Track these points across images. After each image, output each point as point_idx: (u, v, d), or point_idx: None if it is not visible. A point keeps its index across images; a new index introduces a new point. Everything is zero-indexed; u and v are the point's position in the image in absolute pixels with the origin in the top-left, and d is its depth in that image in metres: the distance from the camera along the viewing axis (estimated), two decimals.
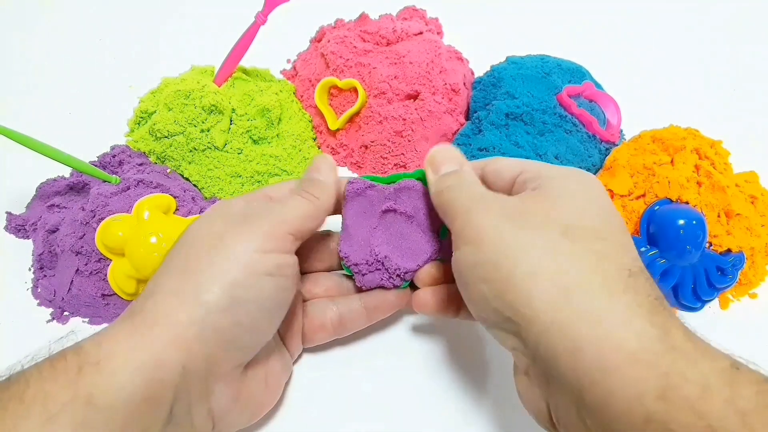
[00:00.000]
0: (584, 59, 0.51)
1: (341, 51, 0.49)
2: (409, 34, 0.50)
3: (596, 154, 0.46)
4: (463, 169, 0.32)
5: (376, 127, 0.47)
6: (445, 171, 0.32)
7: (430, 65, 0.48)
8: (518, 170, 0.31)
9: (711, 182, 0.40)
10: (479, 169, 0.33)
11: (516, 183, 0.31)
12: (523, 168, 0.31)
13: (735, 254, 0.40)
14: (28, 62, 0.57)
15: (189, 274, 0.28)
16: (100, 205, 0.38)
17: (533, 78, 0.47)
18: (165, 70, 0.50)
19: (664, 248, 0.39)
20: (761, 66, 0.59)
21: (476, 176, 0.32)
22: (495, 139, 0.45)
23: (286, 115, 0.49)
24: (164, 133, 0.44)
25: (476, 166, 0.33)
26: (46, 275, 0.40)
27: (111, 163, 0.44)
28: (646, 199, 0.41)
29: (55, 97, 0.54)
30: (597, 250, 0.25)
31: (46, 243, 0.40)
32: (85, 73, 0.56)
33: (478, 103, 0.49)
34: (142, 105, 0.47)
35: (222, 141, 0.45)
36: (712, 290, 0.40)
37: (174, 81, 0.48)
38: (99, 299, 0.39)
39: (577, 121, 0.46)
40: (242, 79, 0.49)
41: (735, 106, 0.55)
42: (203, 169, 0.45)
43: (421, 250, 0.35)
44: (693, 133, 0.44)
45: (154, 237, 0.37)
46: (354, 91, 0.48)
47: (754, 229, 0.40)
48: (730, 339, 0.39)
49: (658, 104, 0.54)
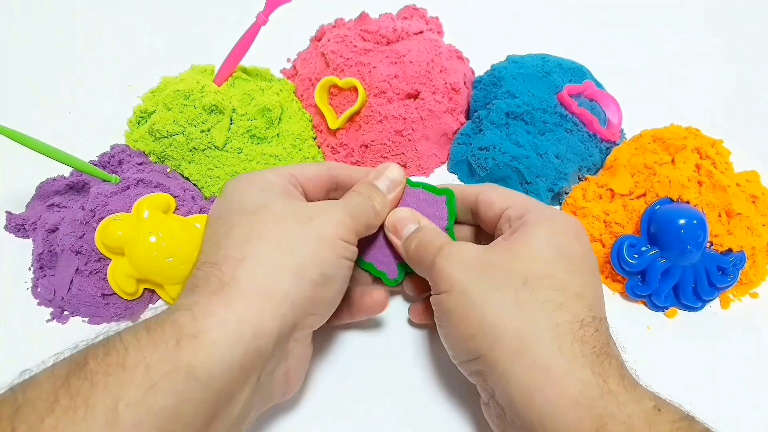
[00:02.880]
0: (585, 58, 0.51)
1: (341, 50, 0.49)
2: (409, 34, 0.50)
3: (597, 154, 0.46)
4: (421, 225, 0.35)
5: (376, 126, 0.47)
6: (406, 234, 0.35)
7: (431, 64, 0.48)
8: (506, 204, 0.34)
9: (712, 182, 0.40)
10: (473, 195, 0.36)
11: (502, 217, 0.33)
12: (511, 203, 0.33)
13: (736, 254, 0.40)
14: (28, 62, 0.57)
15: (283, 247, 0.29)
16: (99, 205, 0.38)
17: (534, 77, 0.47)
18: (165, 69, 0.50)
19: (665, 248, 0.39)
20: (762, 65, 0.59)
21: (436, 227, 0.35)
22: (495, 138, 0.45)
23: (286, 115, 0.49)
24: (163, 133, 0.44)
25: (470, 191, 0.36)
26: (46, 275, 0.40)
27: (111, 162, 0.44)
28: (646, 199, 0.41)
29: (55, 97, 0.54)
30: (554, 300, 0.28)
31: (45, 242, 0.40)
32: (85, 73, 0.56)
33: (479, 102, 0.49)
34: (142, 104, 0.47)
35: (222, 140, 0.45)
36: (713, 290, 0.40)
37: (174, 80, 0.48)
38: (99, 299, 0.39)
39: (577, 121, 0.46)
40: (242, 79, 0.49)
41: (736, 106, 0.55)
42: (203, 169, 0.45)
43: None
44: (694, 133, 0.44)
45: (154, 236, 0.37)
46: (354, 91, 0.48)
47: (755, 228, 0.40)
48: (731, 339, 0.40)
49: (659, 103, 0.54)
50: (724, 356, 0.39)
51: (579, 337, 0.27)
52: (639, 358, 0.30)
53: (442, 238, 0.33)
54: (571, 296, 0.28)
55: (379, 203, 0.35)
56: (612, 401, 0.25)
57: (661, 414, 0.24)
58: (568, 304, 0.28)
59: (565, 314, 0.27)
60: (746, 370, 0.38)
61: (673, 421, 0.24)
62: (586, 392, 0.25)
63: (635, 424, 0.24)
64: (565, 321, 0.27)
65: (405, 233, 0.35)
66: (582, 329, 0.27)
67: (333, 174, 0.36)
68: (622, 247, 0.39)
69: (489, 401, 0.30)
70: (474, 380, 0.31)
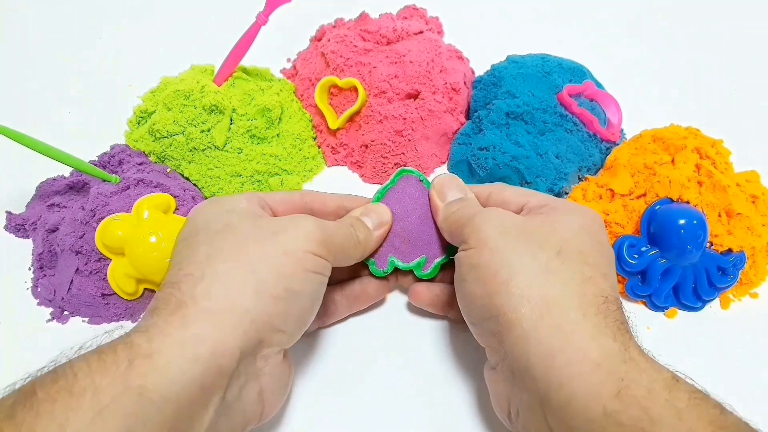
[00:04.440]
0: (585, 58, 0.51)
1: (341, 50, 0.49)
2: (409, 33, 0.50)
3: (597, 154, 0.46)
4: (467, 196, 0.35)
5: (376, 126, 0.47)
6: (450, 198, 0.35)
7: (431, 64, 0.48)
8: (525, 200, 0.34)
9: (712, 182, 0.40)
10: (484, 196, 0.36)
11: (523, 209, 0.34)
12: (530, 197, 0.34)
13: (736, 254, 0.40)
14: (28, 62, 0.57)
15: (242, 262, 0.28)
16: (99, 205, 0.38)
17: (534, 77, 0.47)
18: (165, 69, 0.50)
19: (665, 248, 0.39)
20: (762, 65, 0.59)
21: (480, 205, 0.35)
22: (495, 138, 0.45)
23: (286, 115, 0.49)
24: (163, 133, 0.44)
25: (481, 191, 0.36)
26: (46, 275, 0.40)
27: (111, 162, 0.44)
28: (646, 199, 0.41)
29: (55, 96, 0.54)
30: (583, 273, 0.29)
31: (46, 242, 0.40)
32: (85, 73, 0.56)
33: (479, 102, 0.49)
34: (142, 104, 0.47)
35: (222, 140, 0.45)
36: (713, 290, 0.40)
37: (174, 80, 0.48)
38: (99, 299, 0.39)
39: (577, 121, 0.46)
40: (242, 79, 0.49)
41: (736, 106, 0.55)
42: (203, 169, 0.45)
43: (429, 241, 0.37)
44: (694, 133, 0.44)
45: (154, 236, 0.37)
46: (354, 91, 0.48)
47: (755, 228, 0.40)
48: (731, 338, 0.40)
49: (659, 103, 0.54)
50: (724, 356, 0.39)
51: (603, 309, 0.27)
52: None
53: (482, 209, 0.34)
54: (600, 274, 0.29)
55: (362, 234, 0.35)
56: (634, 367, 0.25)
57: (678, 384, 0.25)
58: (596, 280, 0.28)
59: (592, 287, 0.28)
60: (746, 370, 0.38)
61: (690, 391, 0.25)
62: (609, 356, 0.25)
63: (656, 390, 0.24)
64: (591, 293, 0.28)
65: (450, 197, 0.35)
66: (606, 304, 0.28)
67: (306, 201, 0.36)
68: (622, 247, 0.39)
69: (498, 365, 0.30)
70: (485, 342, 0.31)
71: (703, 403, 0.24)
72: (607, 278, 0.29)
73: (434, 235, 0.37)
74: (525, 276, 0.28)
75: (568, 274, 0.28)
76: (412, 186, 0.38)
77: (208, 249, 0.29)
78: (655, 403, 0.24)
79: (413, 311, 0.40)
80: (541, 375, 0.26)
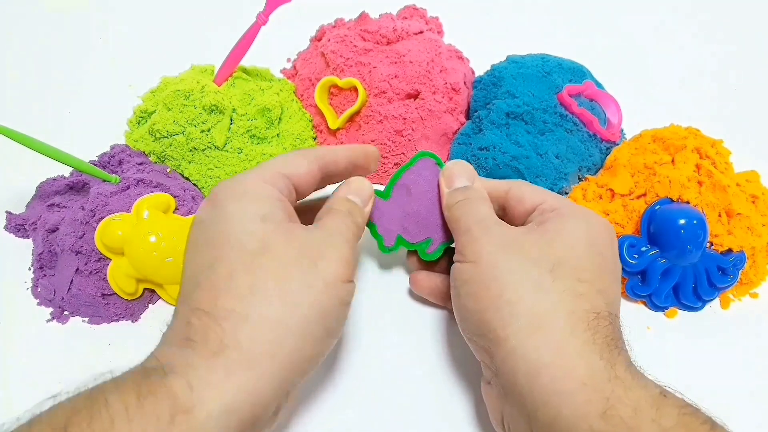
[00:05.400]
0: (585, 58, 0.51)
1: (341, 50, 0.49)
2: (409, 33, 0.50)
3: (597, 154, 0.46)
4: (474, 185, 0.35)
5: (376, 126, 0.47)
6: (457, 185, 0.35)
7: (431, 64, 0.48)
8: (540, 200, 0.34)
9: (712, 182, 0.40)
10: (503, 191, 0.36)
11: (536, 211, 0.33)
12: (545, 198, 0.34)
13: (736, 254, 0.40)
14: (28, 62, 0.57)
15: (287, 300, 0.27)
16: (99, 205, 0.38)
17: (534, 77, 0.47)
18: (165, 69, 0.50)
19: (665, 248, 0.39)
20: (762, 65, 0.59)
21: (485, 194, 0.34)
22: (495, 138, 0.45)
23: (286, 115, 0.48)
24: (163, 133, 0.44)
25: (500, 186, 0.36)
26: (46, 275, 0.40)
27: (111, 162, 0.44)
28: (646, 199, 0.41)
29: (55, 96, 0.54)
30: (575, 290, 0.28)
31: (45, 242, 0.40)
32: (85, 73, 0.56)
33: (479, 102, 0.49)
34: (142, 104, 0.47)
35: (222, 140, 0.45)
36: (713, 290, 0.40)
37: (174, 80, 0.48)
38: (99, 299, 0.39)
39: (577, 121, 0.46)
40: (242, 79, 0.49)
41: (736, 105, 0.55)
42: (203, 169, 0.45)
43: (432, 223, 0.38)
44: (694, 133, 0.44)
45: (154, 236, 0.37)
46: (354, 91, 0.48)
47: (755, 228, 0.40)
48: (731, 338, 0.40)
49: (659, 103, 0.54)
50: (724, 356, 0.39)
51: (593, 326, 0.27)
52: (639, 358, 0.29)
53: (485, 207, 0.33)
54: (593, 291, 0.29)
55: (360, 217, 0.34)
56: (619, 386, 0.25)
57: (667, 399, 0.25)
58: (588, 296, 0.28)
59: (583, 304, 0.28)
60: (746, 370, 0.38)
61: (680, 406, 0.25)
62: (595, 375, 0.25)
63: (642, 408, 0.24)
64: (581, 310, 0.28)
65: (457, 184, 0.35)
66: (597, 320, 0.27)
67: (321, 165, 0.34)
68: (622, 247, 0.39)
69: (491, 380, 0.30)
70: (480, 357, 0.31)
71: (692, 420, 0.24)
72: (603, 294, 0.29)
73: (442, 219, 0.37)
74: (515, 293, 0.28)
75: (559, 291, 0.28)
76: (428, 169, 0.38)
77: (250, 279, 0.27)
78: (642, 423, 0.24)
79: (414, 311, 0.40)
80: (528, 392, 0.26)
